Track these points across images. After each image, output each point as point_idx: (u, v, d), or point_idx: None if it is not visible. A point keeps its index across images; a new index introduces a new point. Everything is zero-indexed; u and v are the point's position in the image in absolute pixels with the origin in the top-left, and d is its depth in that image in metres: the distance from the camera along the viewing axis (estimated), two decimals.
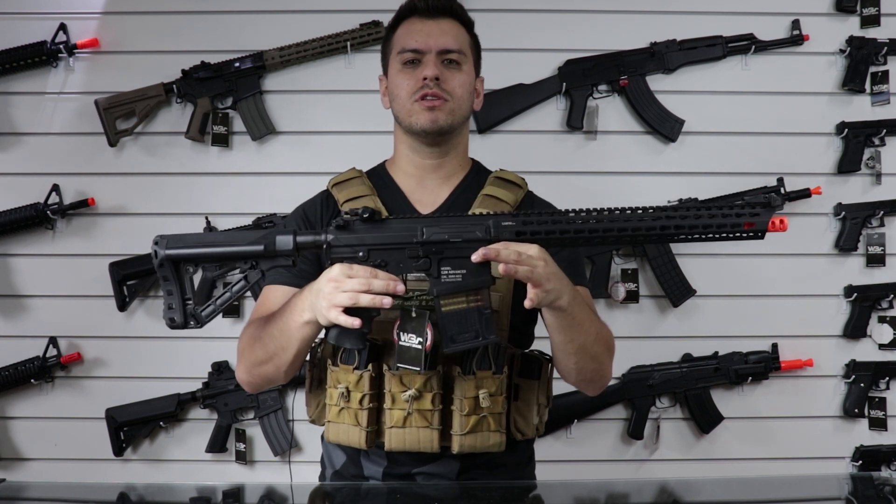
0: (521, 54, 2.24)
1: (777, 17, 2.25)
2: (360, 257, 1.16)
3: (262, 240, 1.16)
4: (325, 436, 1.35)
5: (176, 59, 2.21)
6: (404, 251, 1.15)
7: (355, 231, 1.16)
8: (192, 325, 1.19)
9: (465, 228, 1.14)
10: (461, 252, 1.14)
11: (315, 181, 1.59)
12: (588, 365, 1.27)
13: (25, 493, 1.46)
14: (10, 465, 2.24)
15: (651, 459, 2.27)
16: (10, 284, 2.24)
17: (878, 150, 2.25)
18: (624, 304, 2.25)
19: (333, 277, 1.13)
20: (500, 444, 1.28)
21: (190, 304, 1.18)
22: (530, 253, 1.11)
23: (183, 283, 1.18)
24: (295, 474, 2.14)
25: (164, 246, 1.17)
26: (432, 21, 1.36)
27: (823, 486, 1.49)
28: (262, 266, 1.17)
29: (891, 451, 2.25)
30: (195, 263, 1.18)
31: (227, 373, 2.21)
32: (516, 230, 1.13)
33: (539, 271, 1.11)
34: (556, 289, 1.14)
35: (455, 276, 1.14)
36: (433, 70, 1.32)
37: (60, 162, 2.23)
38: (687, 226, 1.08)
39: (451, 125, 1.35)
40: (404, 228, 1.16)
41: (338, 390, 1.28)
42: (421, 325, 1.19)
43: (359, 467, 1.35)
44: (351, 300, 1.11)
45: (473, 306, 1.14)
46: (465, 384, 1.24)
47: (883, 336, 2.26)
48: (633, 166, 2.25)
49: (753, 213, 1.08)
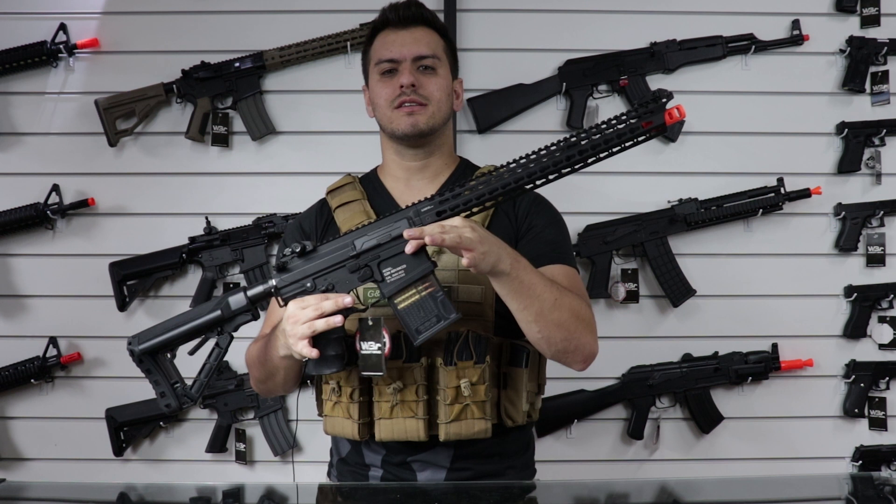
0: (521, 54, 2.24)
1: (777, 17, 2.25)
2: (308, 289, 1.23)
3: (218, 306, 1.24)
4: (324, 429, 1.41)
5: (176, 59, 2.21)
6: (345, 268, 1.22)
7: (294, 267, 1.24)
8: (187, 403, 1.26)
9: (391, 227, 1.20)
10: (396, 250, 1.20)
11: (315, 181, 1.59)
12: (554, 333, 1.26)
13: (25, 493, 1.47)
14: (10, 465, 2.24)
15: (651, 459, 2.27)
16: (10, 284, 2.24)
17: (878, 150, 2.25)
18: (624, 304, 2.24)
19: (289, 315, 1.21)
20: (486, 431, 1.31)
21: (178, 386, 1.25)
22: (453, 223, 1.16)
23: (167, 370, 1.25)
24: (296, 474, 2.15)
25: (137, 343, 1.23)
26: (405, 31, 1.42)
27: (823, 486, 1.49)
28: (227, 329, 1.25)
29: (891, 451, 2.25)
30: (170, 349, 1.25)
31: (226, 373, 2.21)
32: (436, 210, 1.18)
33: (467, 235, 1.14)
34: (491, 251, 1.17)
35: (398, 274, 1.20)
36: (408, 78, 1.38)
37: (60, 162, 2.23)
38: (590, 147, 1.12)
39: (432, 127, 1.41)
40: (336, 248, 1.23)
41: (330, 386, 1.35)
42: (377, 332, 1.24)
43: (361, 455, 1.41)
44: (309, 329, 1.19)
45: (426, 294, 1.20)
46: (447, 375, 1.29)
47: (883, 336, 2.26)
48: (633, 166, 2.24)
49: (646, 111, 1.10)
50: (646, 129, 1.10)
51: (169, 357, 1.25)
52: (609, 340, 1.48)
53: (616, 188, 2.24)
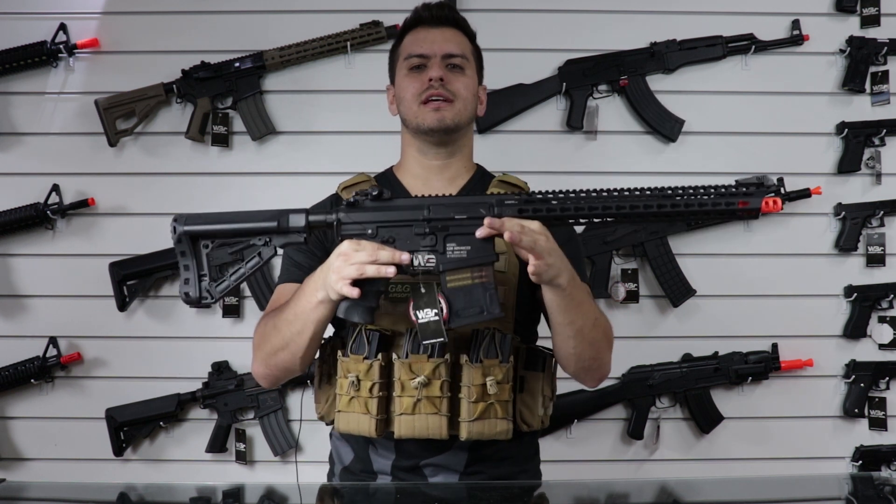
0: (521, 54, 2.24)
1: (777, 17, 2.25)
2: (368, 234, 1.20)
3: (276, 217, 1.21)
4: (336, 426, 1.36)
5: (176, 59, 2.21)
6: (411, 228, 1.20)
7: (364, 209, 1.21)
8: (206, 299, 1.23)
9: (470, 206, 1.19)
10: (466, 229, 1.18)
11: (315, 181, 1.59)
12: (586, 351, 1.30)
13: (25, 493, 1.47)
14: (10, 465, 2.24)
15: (651, 459, 2.27)
16: (10, 284, 2.24)
17: (878, 150, 2.25)
18: (624, 304, 2.25)
19: (342, 252, 1.19)
20: (508, 432, 1.31)
21: (205, 281, 1.22)
22: (532, 227, 1.15)
23: (200, 260, 1.22)
24: (298, 475, 2.15)
25: (183, 222, 1.21)
26: (437, 30, 1.43)
27: (823, 486, 1.49)
28: (276, 242, 1.22)
29: (891, 451, 2.25)
30: (211, 239, 1.23)
31: (226, 373, 2.21)
32: (519, 208, 1.17)
33: (541, 244, 1.15)
34: (555, 264, 1.18)
35: (460, 252, 1.19)
36: (438, 71, 1.38)
37: (60, 162, 2.23)
38: (684, 204, 1.13)
39: (458, 124, 1.40)
40: (411, 206, 1.20)
41: (348, 380, 1.30)
42: (433, 298, 1.21)
43: (367, 462, 1.38)
44: (358, 271, 1.16)
45: (478, 282, 1.18)
46: (472, 372, 1.27)
47: (883, 336, 2.26)
48: (633, 166, 2.25)
49: (748, 192, 1.12)
50: (740, 209, 1.11)
51: (209, 247, 1.22)
52: None
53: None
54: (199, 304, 1.24)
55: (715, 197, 1.12)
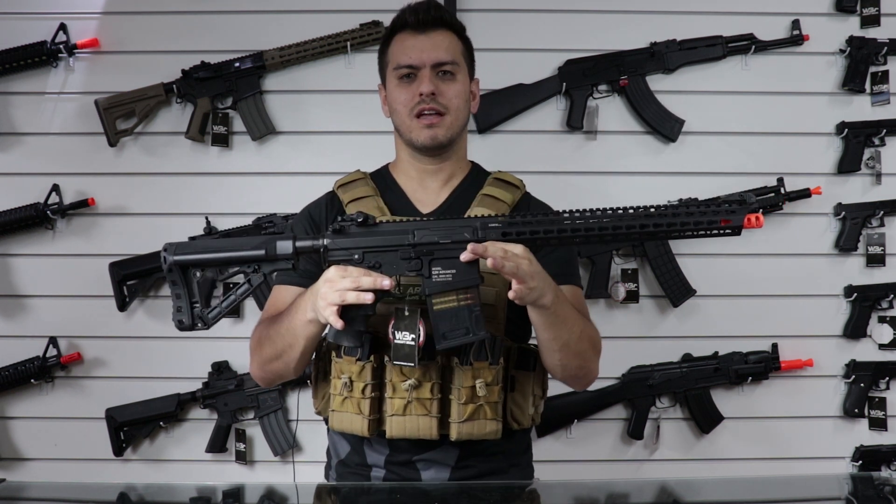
0: (521, 54, 2.24)
1: (777, 17, 2.25)
2: (355, 259, 1.22)
3: (264, 245, 1.23)
4: (330, 425, 1.39)
5: (176, 59, 2.21)
6: (397, 253, 1.22)
7: (350, 235, 1.23)
8: (199, 326, 1.26)
9: (454, 230, 1.21)
10: (451, 253, 1.20)
11: (315, 181, 1.59)
12: (572, 362, 1.32)
13: (25, 493, 1.46)
14: (10, 465, 2.24)
15: (651, 459, 2.27)
16: (10, 284, 2.24)
17: (878, 150, 2.25)
18: (624, 304, 2.24)
19: (328, 278, 1.21)
20: (497, 432, 1.33)
21: (197, 307, 1.25)
22: (515, 251, 1.17)
23: (191, 287, 1.25)
24: (296, 474, 2.15)
25: (173, 252, 1.24)
26: (424, 35, 1.40)
27: (823, 486, 1.49)
28: (264, 269, 1.24)
29: (891, 451, 2.25)
30: (201, 268, 1.25)
31: (226, 373, 2.21)
32: (502, 231, 1.19)
33: (524, 268, 1.16)
34: (539, 287, 1.19)
35: (445, 276, 1.21)
36: (428, 86, 1.37)
37: (60, 162, 2.23)
38: (666, 224, 1.15)
39: (451, 138, 1.41)
40: (396, 231, 1.22)
41: (341, 380, 1.33)
42: (413, 323, 1.25)
43: (362, 456, 1.40)
44: (340, 298, 1.18)
45: (464, 304, 1.21)
46: (462, 374, 1.29)
47: (883, 336, 2.26)
48: (633, 166, 2.25)
49: (730, 210, 1.14)
50: (722, 227, 1.14)
51: (198, 276, 1.25)
52: (609, 340, 1.48)
53: (616, 188, 2.24)
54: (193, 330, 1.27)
55: (697, 216, 1.13)
